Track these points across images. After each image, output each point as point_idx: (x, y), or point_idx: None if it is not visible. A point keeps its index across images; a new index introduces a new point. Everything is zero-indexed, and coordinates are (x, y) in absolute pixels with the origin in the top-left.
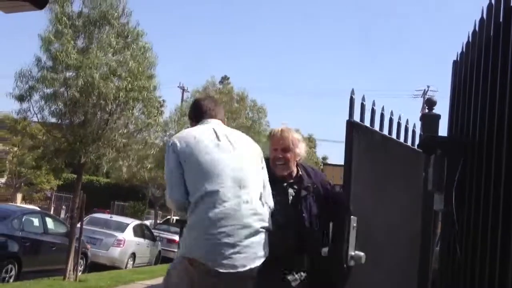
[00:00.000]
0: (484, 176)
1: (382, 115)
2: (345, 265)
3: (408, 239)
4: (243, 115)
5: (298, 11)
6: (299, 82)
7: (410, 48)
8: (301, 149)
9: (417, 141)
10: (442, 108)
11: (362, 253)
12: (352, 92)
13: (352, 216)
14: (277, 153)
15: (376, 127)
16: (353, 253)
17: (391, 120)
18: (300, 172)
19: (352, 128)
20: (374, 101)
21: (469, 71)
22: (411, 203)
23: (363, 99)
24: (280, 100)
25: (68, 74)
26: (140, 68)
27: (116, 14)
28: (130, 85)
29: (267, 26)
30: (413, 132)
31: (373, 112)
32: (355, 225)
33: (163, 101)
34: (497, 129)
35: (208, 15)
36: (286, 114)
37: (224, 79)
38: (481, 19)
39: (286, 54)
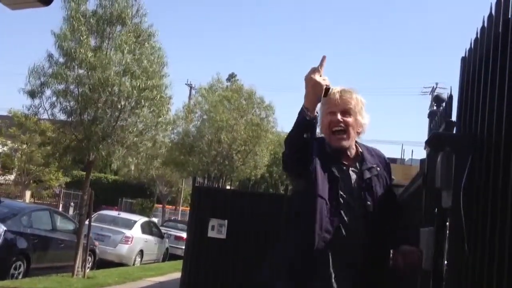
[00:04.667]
0: (493, 173)
1: None
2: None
3: None
4: (250, 112)
5: (301, 8)
6: None
7: (419, 45)
8: (366, 118)
9: None
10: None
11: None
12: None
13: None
14: (334, 117)
15: None
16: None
17: None
18: (361, 150)
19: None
20: None
21: (478, 67)
22: None
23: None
24: (289, 97)
25: (81, 71)
26: (153, 67)
27: (130, 13)
28: (144, 84)
29: (275, 23)
30: None
31: None
32: None
33: (169, 97)
34: (506, 125)
35: (219, 10)
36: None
37: (232, 76)
38: (490, 14)
39: (293, 51)
